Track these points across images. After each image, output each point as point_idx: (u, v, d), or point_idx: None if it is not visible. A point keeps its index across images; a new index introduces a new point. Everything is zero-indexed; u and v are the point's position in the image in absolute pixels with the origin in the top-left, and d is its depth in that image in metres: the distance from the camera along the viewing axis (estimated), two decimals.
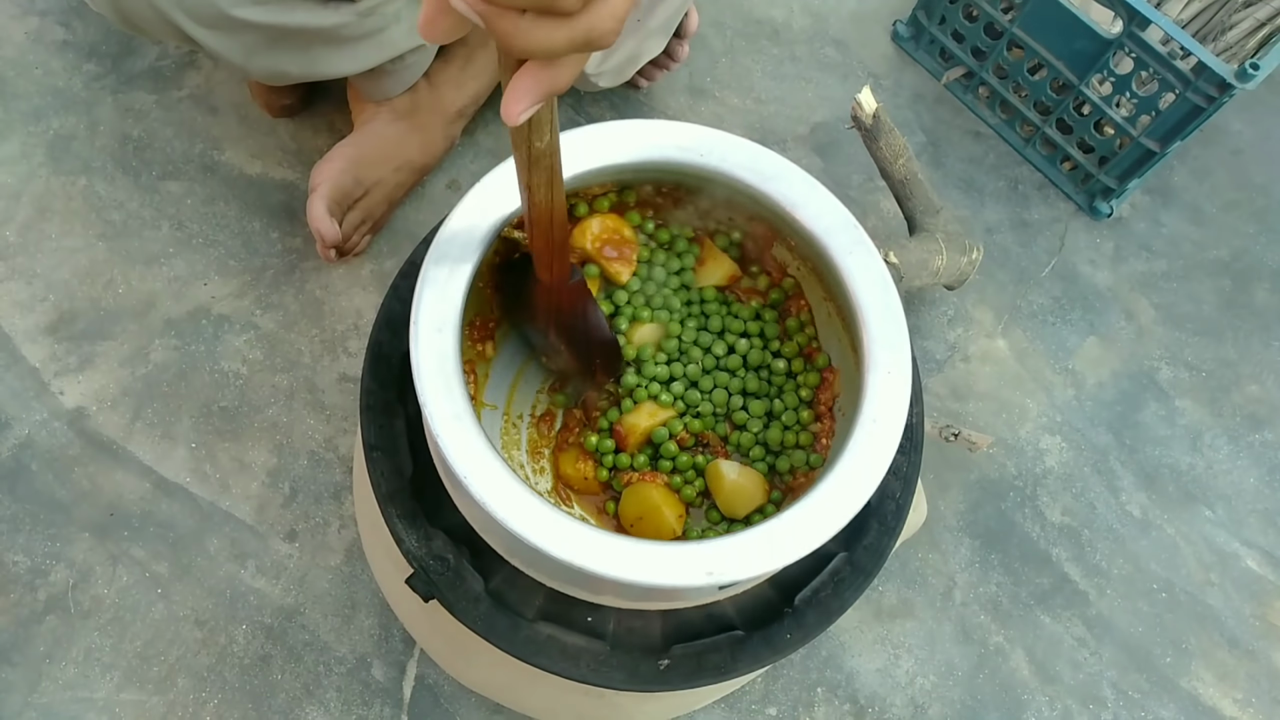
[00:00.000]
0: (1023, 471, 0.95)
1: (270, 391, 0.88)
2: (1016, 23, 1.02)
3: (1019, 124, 1.11)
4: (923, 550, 0.90)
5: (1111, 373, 1.01)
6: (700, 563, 0.49)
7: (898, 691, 0.84)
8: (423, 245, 0.65)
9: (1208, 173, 1.14)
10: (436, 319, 0.52)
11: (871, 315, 0.55)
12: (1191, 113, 0.95)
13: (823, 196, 0.58)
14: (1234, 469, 0.98)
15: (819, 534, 0.50)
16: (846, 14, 1.18)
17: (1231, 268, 1.08)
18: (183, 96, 1.00)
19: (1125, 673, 0.88)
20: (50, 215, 0.93)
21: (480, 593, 0.58)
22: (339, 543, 0.84)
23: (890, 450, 0.52)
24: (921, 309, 1.01)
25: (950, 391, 0.98)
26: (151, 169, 0.96)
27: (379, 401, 0.61)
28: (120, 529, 0.82)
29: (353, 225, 0.90)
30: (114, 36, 1.01)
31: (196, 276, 0.92)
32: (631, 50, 0.95)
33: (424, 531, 0.58)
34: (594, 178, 0.59)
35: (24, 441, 0.84)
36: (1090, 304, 1.04)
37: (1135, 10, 0.91)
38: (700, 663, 0.58)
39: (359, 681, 0.79)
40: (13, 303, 0.89)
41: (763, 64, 1.13)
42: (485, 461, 0.49)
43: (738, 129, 1.07)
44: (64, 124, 0.97)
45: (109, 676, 0.77)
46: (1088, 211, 1.09)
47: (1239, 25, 1.08)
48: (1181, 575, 0.92)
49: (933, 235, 0.90)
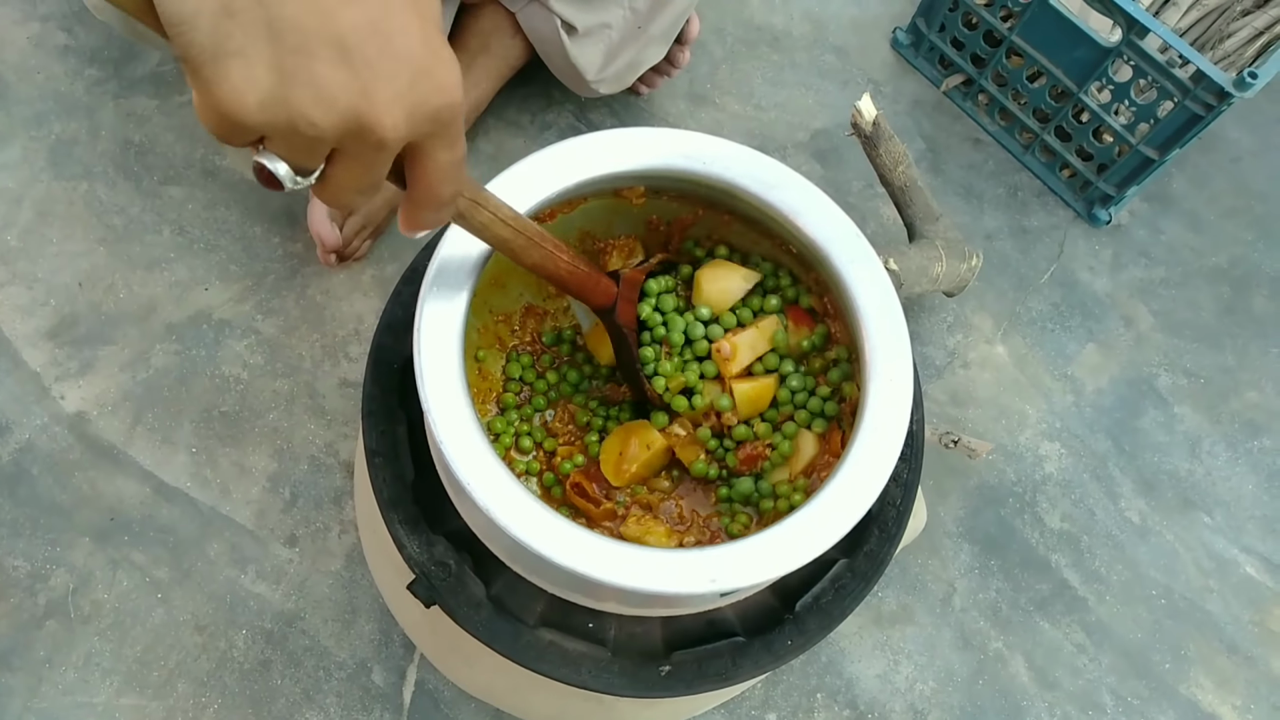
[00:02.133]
0: (1022, 478, 0.95)
1: (271, 396, 0.88)
2: (1016, 30, 1.03)
3: (1018, 131, 1.11)
4: (923, 556, 0.90)
5: (1110, 379, 1.01)
6: (702, 570, 0.49)
7: (897, 697, 0.85)
8: (424, 251, 0.65)
9: (1206, 180, 1.14)
10: (440, 324, 0.52)
11: (872, 322, 0.56)
12: (1190, 121, 0.95)
13: (823, 204, 0.58)
14: (1233, 475, 0.98)
15: (820, 541, 0.50)
16: (846, 21, 1.18)
17: (1230, 275, 1.09)
18: (184, 101, 1.00)
19: (1124, 679, 0.88)
20: (51, 220, 0.93)
21: (482, 598, 0.58)
22: (339, 548, 0.84)
23: (891, 457, 0.52)
24: (921, 315, 1.01)
25: (950, 398, 0.98)
26: (153, 174, 0.96)
27: (381, 407, 0.61)
28: (120, 534, 0.82)
29: (353, 230, 0.90)
30: (115, 42, 1.02)
31: (197, 281, 0.92)
32: (632, 57, 0.95)
33: (425, 537, 0.58)
34: (594, 185, 0.59)
35: (24, 446, 0.84)
36: (1089, 311, 1.04)
37: (1134, 19, 0.92)
38: (701, 669, 0.58)
39: (359, 687, 0.79)
40: (14, 307, 0.89)
41: (763, 71, 1.13)
42: (488, 467, 0.49)
43: (738, 135, 1.08)
44: (65, 129, 0.97)
45: (109, 681, 0.77)
46: (1087, 218, 1.09)
47: (1237, 34, 1.08)
48: (1180, 581, 0.92)
49: (932, 242, 0.90)
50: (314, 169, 0.35)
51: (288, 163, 0.34)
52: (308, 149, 0.34)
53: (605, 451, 0.62)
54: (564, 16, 0.90)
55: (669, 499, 0.63)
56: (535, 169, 0.57)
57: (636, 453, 0.61)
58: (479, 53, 0.95)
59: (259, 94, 0.31)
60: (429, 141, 0.36)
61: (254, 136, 0.33)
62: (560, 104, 1.07)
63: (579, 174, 0.57)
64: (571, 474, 0.62)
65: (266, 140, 0.33)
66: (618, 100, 1.08)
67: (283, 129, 0.32)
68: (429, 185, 0.38)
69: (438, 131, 0.36)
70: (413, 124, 0.35)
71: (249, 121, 0.32)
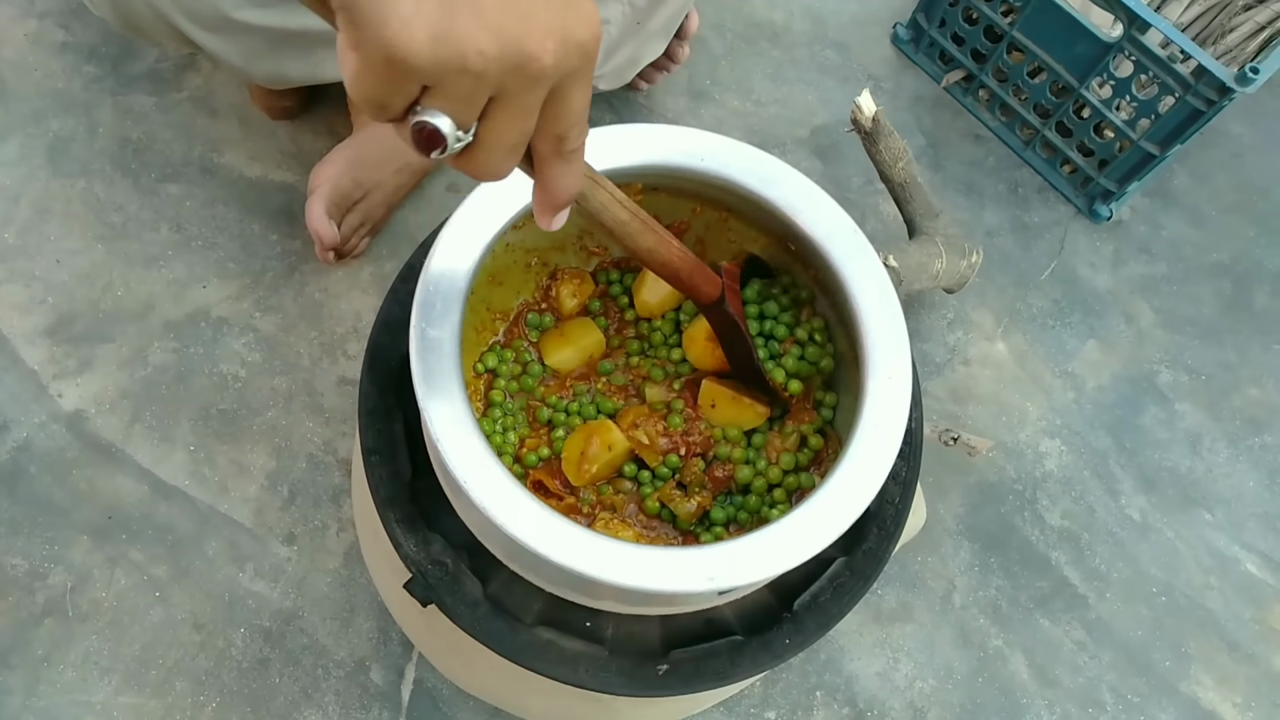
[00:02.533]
0: (1022, 475, 0.95)
1: (269, 394, 0.88)
2: (1016, 26, 1.02)
3: (1019, 127, 1.11)
4: (922, 554, 0.90)
5: (1111, 376, 1.01)
6: (700, 568, 0.48)
7: (897, 695, 0.84)
8: (422, 248, 0.65)
9: (1208, 176, 1.14)
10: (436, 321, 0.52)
11: (871, 319, 0.55)
12: (1191, 116, 0.95)
13: (822, 201, 0.58)
14: (1234, 472, 0.98)
15: (819, 539, 0.50)
16: (847, 17, 1.18)
17: (1231, 271, 1.08)
18: (182, 99, 1.00)
19: (1125, 676, 0.88)
20: (49, 217, 0.92)
21: (479, 597, 0.57)
22: (337, 546, 0.83)
23: (890, 455, 0.52)
24: (921, 312, 1.01)
25: (950, 395, 0.97)
26: (151, 171, 0.96)
27: (378, 405, 0.61)
28: (119, 532, 0.82)
29: (351, 228, 0.90)
30: (113, 39, 1.01)
31: (195, 279, 0.92)
32: (631, 52, 0.95)
33: (422, 536, 0.58)
34: None
35: (22, 444, 0.84)
36: (1090, 307, 1.04)
37: (1135, 14, 0.91)
38: (699, 668, 0.58)
39: (357, 685, 0.79)
40: (11, 305, 0.89)
41: (763, 66, 1.13)
42: (484, 465, 0.49)
43: (738, 132, 1.07)
44: (63, 126, 0.97)
45: (107, 680, 0.77)
46: (1087, 214, 1.09)
47: (1239, 29, 1.08)
48: (1181, 579, 0.92)
49: (932, 238, 0.90)
50: (472, 122, 0.33)
51: (450, 116, 0.32)
52: (472, 90, 0.32)
53: (567, 449, 0.61)
54: None
55: (632, 502, 0.62)
56: None
57: (597, 453, 0.61)
58: None
59: (429, 27, 0.30)
60: (569, 81, 0.34)
61: (417, 88, 0.31)
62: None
63: None
64: (534, 469, 0.61)
65: (429, 91, 0.32)
66: (617, 96, 1.08)
67: (453, 66, 0.30)
68: (561, 133, 0.36)
69: (582, 67, 0.34)
70: (566, 54, 0.33)
71: (420, 61, 0.30)
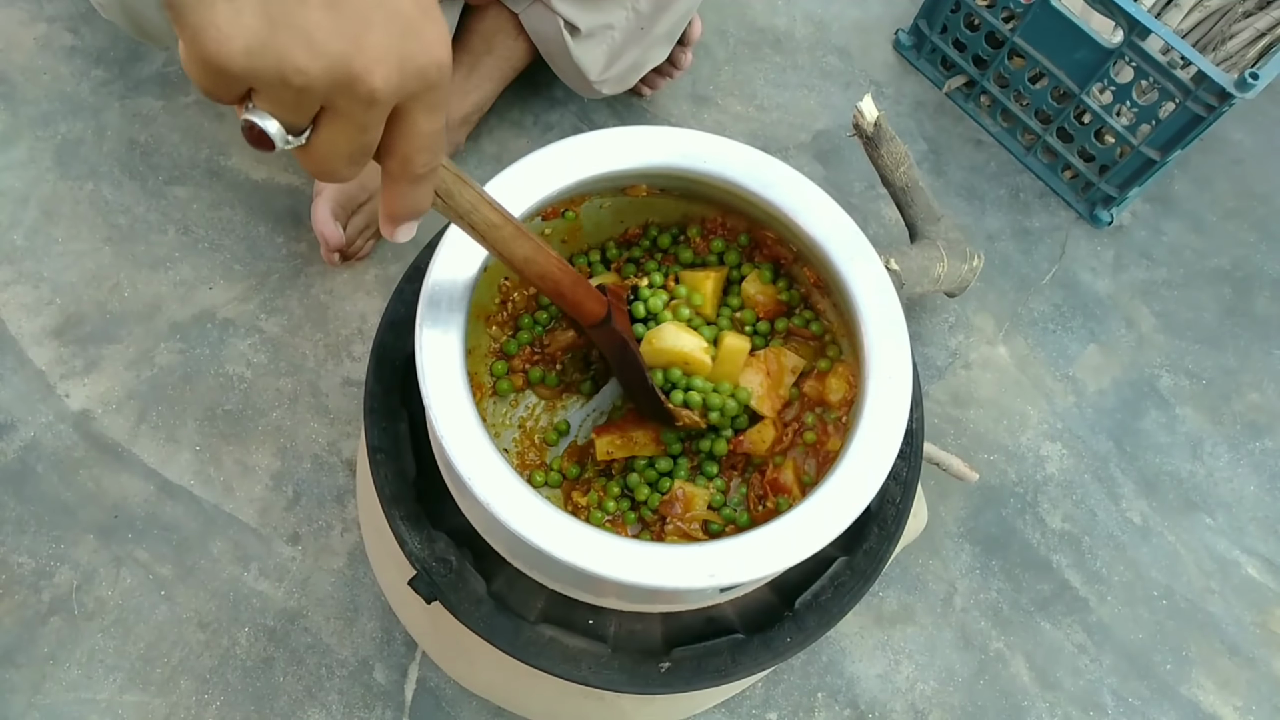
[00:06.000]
0: (1023, 478, 0.95)
1: (274, 395, 0.89)
2: (1018, 32, 1.03)
3: (1020, 132, 1.12)
4: (923, 556, 0.90)
5: (1112, 380, 1.01)
6: (702, 565, 0.49)
7: (898, 697, 0.85)
8: (426, 250, 0.65)
9: (1208, 181, 1.14)
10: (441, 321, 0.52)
11: (872, 321, 0.56)
12: (1192, 122, 0.95)
13: (824, 204, 0.58)
14: (1234, 477, 0.98)
15: (820, 537, 0.50)
16: (849, 23, 1.18)
17: (1232, 276, 1.09)
18: (189, 102, 1.00)
19: (1125, 680, 0.88)
20: (57, 219, 0.93)
21: (483, 595, 0.58)
22: (342, 546, 0.84)
23: (890, 455, 0.52)
24: (922, 316, 1.02)
25: (951, 398, 0.98)
26: (158, 174, 0.97)
27: (383, 405, 0.61)
28: (124, 531, 0.82)
29: (357, 230, 0.91)
30: (122, 42, 1.02)
31: (202, 281, 0.93)
32: (635, 58, 0.96)
33: (427, 534, 0.58)
34: (595, 184, 0.59)
35: (29, 444, 0.84)
36: (1091, 312, 1.04)
37: (1136, 20, 0.92)
38: (700, 666, 0.58)
39: (361, 684, 0.79)
40: (19, 306, 0.89)
41: (765, 72, 1.14)
42: (489, 463, 0.49)
43: (740, 136, 1.08)
44: (71, 129, 0.98)
45: (112, 678, 0.77)
46: (1088, 219, 1.09)
47: (1239, 35, 1.08)
48: (1182, 582, 0.92)
49: (934, 243, 0.91)
50: (304, 127, 0.34)
51: (278, 120, 0.33)
52: (295, 102, 0.32)
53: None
54: (567, 17, 0.90)
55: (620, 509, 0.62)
56: (534, 168, 0.57)
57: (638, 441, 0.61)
58: (482, 54, 0.95)
59: (246, 40, 0.30)
60: (412, 104, 0.35)
61: (241, 89, 0.32)
62: (563, 105, 1.07)
63: (579, 173, 0.58)
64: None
65: (254, 94, 0.32)
66: (620, 101, 1.08)
67: (271, 78, 0.31)
68: (406, 155, 0.37)
69: (424, 93, 0.35)
70: (402, 80, 0.33)
71: (235, 69, 0.31)
